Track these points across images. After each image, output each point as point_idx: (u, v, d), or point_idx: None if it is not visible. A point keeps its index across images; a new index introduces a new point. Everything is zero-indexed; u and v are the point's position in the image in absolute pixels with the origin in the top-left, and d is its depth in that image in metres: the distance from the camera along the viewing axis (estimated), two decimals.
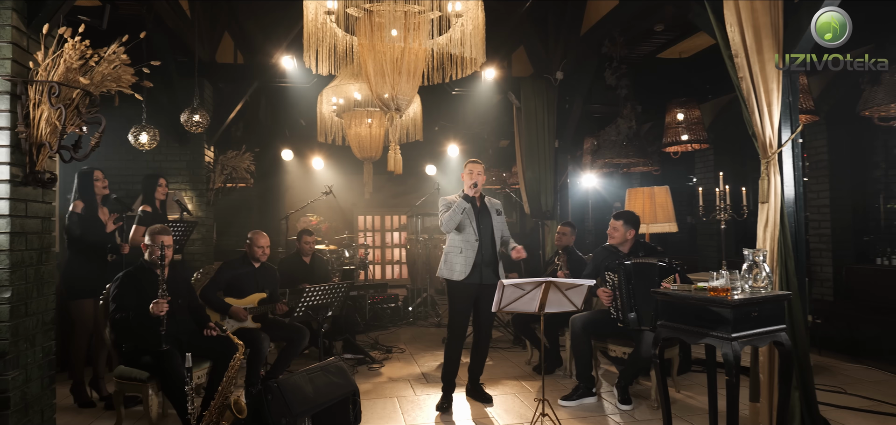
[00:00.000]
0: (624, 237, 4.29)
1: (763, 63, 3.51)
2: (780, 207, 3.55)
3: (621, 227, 4.28)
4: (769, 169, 3.58)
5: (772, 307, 2.45)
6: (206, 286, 4.31)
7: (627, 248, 4.30)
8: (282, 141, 9.15)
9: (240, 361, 3.32)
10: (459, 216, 4.00)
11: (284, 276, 5.54)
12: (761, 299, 2.40)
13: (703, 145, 6.10)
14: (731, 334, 2.31)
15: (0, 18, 2.58)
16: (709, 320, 2.42)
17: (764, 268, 2.50)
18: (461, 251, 4.06)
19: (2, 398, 2.44)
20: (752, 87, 3.53)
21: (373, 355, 5.60)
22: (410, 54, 4.71)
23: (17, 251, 2.56)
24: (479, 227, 4.09)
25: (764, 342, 2.46)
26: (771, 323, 2.46)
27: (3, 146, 2.55)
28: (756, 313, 2.38)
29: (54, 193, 2.92)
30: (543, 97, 6.64)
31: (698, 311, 2.47)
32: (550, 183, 6.68)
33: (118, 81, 2.88)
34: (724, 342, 2.34)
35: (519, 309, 3.04)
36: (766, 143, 3.58)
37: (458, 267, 4.03)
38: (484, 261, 4.07)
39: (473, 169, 4.15)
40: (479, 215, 4.13)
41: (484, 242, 4.08)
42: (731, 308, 2.32)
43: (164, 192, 4.86)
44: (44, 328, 2.76)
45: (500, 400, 4.26)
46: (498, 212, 4.23)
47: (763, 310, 2.41)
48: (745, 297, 2.38)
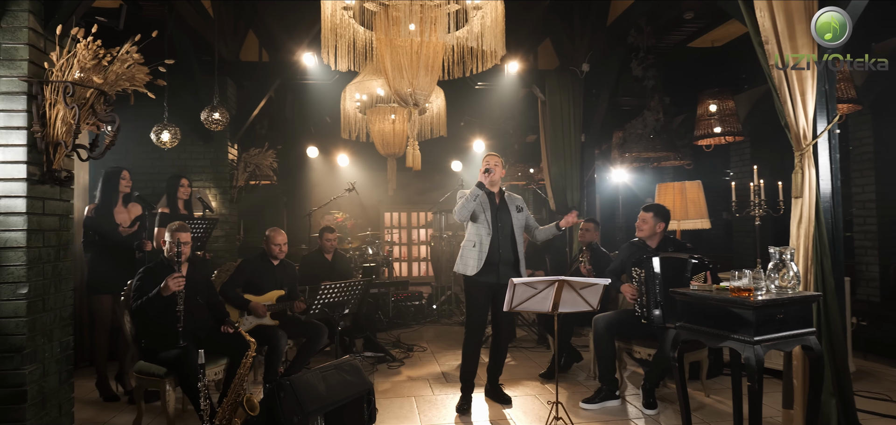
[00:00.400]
0: (653, 230, 4.15)
1: (796, 49, 3.35)
2: (815, 202, 3.39)
3: (651, 220, 4.14)
4: (803, 162, 3.42)
5: (799, 309, 2.32)
6: (226, 283, 4.39)
7: (656, 243, 4.17)
8: (307, 138, 9.25)
9: (252, 359, 3.36)
10: (472, 204, 3.89)
11: (306, 273, 5.60)
12: (787, 300, 2.27)
13: (738, 138, 5.87)
14: (753, 337, 2.20)
15: (17, 20, 2.66)
16: (730, 322, 2.31)
17: (791, 266, 2.37)
18: (474, 244, 3.98)
19: (19, 391, 2.52)
20: (784, 75, 3.37)
21: (393, 353, 5.60)
22: (428, 49, 4.69)
23: (34, 248, 2.64)
24: (495, 221, 3.99)
25: (790, 346, 2.33)
26: (798, 326, 2.33)
27: (20, 145, 2.62)
28: (782, 315, 2.26)
29: (72, 191, 3.00)
30: (569, 90, 6.52)
31: (719, 313, 2.37)
32: (576, 178, 6.56)
33: (132, 80, 2.94)
34: (746, 345, 2.23)
35: (531, 308, 2.97)
36: (800, 135, 3.41)
37: (472, 261, 3.95)
38: (501, 258, 3.97)
39: (490, 160, 4.07)
40: (497, 210, 4.03)
41: (500, 237, 3.98)
42: (753, 309, 2.21)
43: (186, 192, 4.97)
44: (62, 323, 2.85)
45: (519, 402, 4.20)
46: (519, 208, 4.12)
47: (790, 312, 2.29)
48: (769, 298, 2.26)
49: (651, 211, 4.19)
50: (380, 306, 7.13)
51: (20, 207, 2.59)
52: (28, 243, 2.60)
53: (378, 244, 7.46)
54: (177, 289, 3.45)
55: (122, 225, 4.30)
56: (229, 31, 6.21)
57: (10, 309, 2.55)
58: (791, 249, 2.45)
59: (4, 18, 2.66)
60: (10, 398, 2.52)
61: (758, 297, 2.29)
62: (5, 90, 2.65)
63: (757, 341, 2.20)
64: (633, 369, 4.92)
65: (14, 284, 2.56)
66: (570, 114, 6.50)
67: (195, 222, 4.62)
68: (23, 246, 2.58)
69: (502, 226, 4.00)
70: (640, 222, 4.22)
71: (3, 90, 2.65)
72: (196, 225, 4.64)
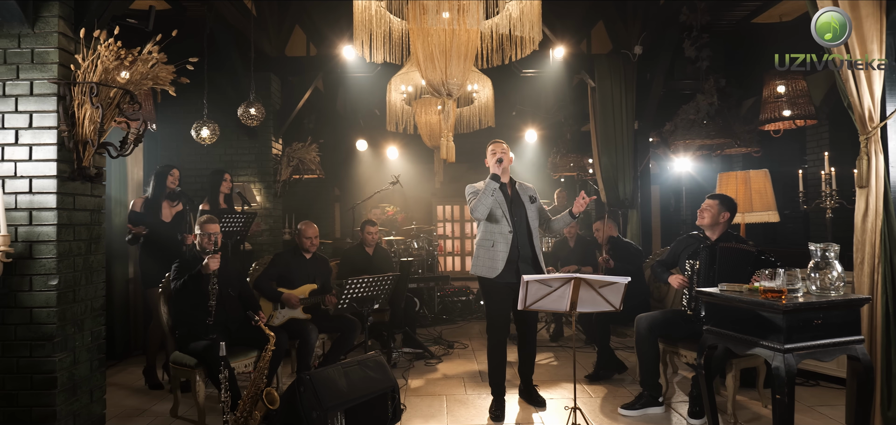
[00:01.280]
0: (715, 220, 3.83)
1: (859, 20, 3.04)
2: (882, 193, 3.08)
3: (715, 207, 3.78)
4: (869, 147, 3.12)
5: (842, 314, 2.10)
6: (260, 276, 4.54)
7: (717, 234, 3.88)
8: (357, 131, 9.44)
9: (271, 352, 3.46)
10: (491, 198, 3.70)
11: (347, 267, 5.70)
12: (826, 303, 2.06)
13: (810, 121, 5.41)
14: (783, 344, 2.00)
15: (48, 25, 2.86)
16: (759, 327, 2.13)
17: (835, 265, 2.14)
18: (494, 244, 3.80)
19: (49, 378, 2.73)
20: (846, 50, 3.07)
21: (433, 350, 5.62)
22: (460, 36, 4.64)
23: (64, 241, 2.84)
24: (513, 217, 3.81)
25: (831, 356, 2.11)
26: (841, 334, 2.10)
27: (51, 144, 2.83)
28: (819, 320, 2.05)
29: (103, 187, 3.20)
30: (620, 75, 6.26)
31: (747, 316, 2.18)
32: (629, 168, 6.29)
33: (155, 80, 3.09)
34: (776, 353, 2.04)
35: (547, 307, 2.87)
36: (865, 117, 3.11)
37: (494, 262, 3.76)
38: (520, 255, 3.80)
39: (496, 148, 3.85)
40: (512, 203, 3.86)
41: (519, 234, 3.81)
42: (783, 313, 2.02)
43: (228, 187, 5.19)
44: (93, 314, 3.05)
45: (553, 405, 4.09)
46: (532, 198, 3.93)
47: (830, 317, 2.07)
48: (804, 301, 2.06)
49: (716, 199, 3.90)
50: (425, 301, 7.17)
51: (50, 203, 2.79)
52: (58, 237, 2.79)
53: (424, 237, 7.49)
54: (216, 267, 3.62)
55: (166, 220, 4.57)
56: (273, 27, 6.42)
57: (41, 299, 2.75)
58: (835, 246, 2.22)
59: (37, 24, 2.87)
60: (41, 383, 2.73)
61: (795, 300, 2.09)
62: (38, 92, 2.85)
63: (788, 349, 2.00)
64: (684, 374, 4.68)
65: (45, 276, 2.76)
66: (622, 101, 6.24)
67: (234, 216, 4.82)
68: (53, 240, 2.78)
69: (519, 220, 3.82)
70: (703, 209, 3.93)
71: (36, 92, 2.86)
72: (235, 219, 4.83)
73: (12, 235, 2.77)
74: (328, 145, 9.31)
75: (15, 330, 2.74)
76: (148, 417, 3.96)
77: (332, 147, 9.36)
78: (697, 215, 3.79)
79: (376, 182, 9.88)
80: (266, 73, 6.28)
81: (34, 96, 2.85)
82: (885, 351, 3.07)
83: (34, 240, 2.78)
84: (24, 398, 2.72)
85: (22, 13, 2.80)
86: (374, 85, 7.90)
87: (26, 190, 2.81)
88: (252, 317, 3.51)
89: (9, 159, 2.83)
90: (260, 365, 3.38)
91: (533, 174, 9.89)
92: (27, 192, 2.81)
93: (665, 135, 4.93)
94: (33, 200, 2.80)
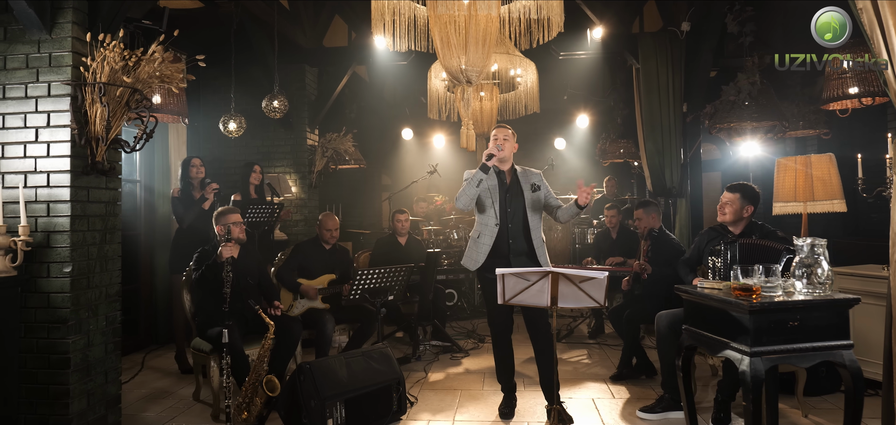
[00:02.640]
0: (738, 214, 3.63)
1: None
2: None
3: (737, 201, 3.58)
4: None
5: (824, 315, 1.97)
6: (281, 267, 4.80)
7: (740, 229, 3.68)
8: (403, 119, 9.63)
9: (270, 341, 3.66)
10: (473, 190, 3.57)
11: (379, 257, 5.87)
12: (802, 304, 1.95)
13: (880, 98, 4.96)
14: (751, 347, 1.92)
15: (63, 31, 3.18)
16: (730, 328, 2.04)
17: (822, 263, 2.02)
18: (479, 236, 3.72)
19: (64, 358, 3.06)
20: (877, 17, 2.83)
21: (464, 344, 5.70)
22: (478, 21, 4.65)
23: (78, 232, 3.16)
24: (504, 208, 3.66)
25: (809, 361, 1.99)
26: (822, 338, 1.98)
27: (65, 141, 3.15)
28: (796, 322, 1.94)
29: (119, 180, 3.51)
30: (666, 54, 6.01)
31: (719, 316, 2.10)
32: (676, 155, 6.05)
33: (161, 78, 3.35)
34: (743, 356, 1.95)
35: (528, 302, 2.86)
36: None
37: (475, 254, 3.69)
38: (512, 249, 3.66)
39: (498, 134, 3.71)
40: (507, 193, 3.69)
41: (511, 227, 3.66)
42: (750, 314, 1.93)
43: (257, 178, 5.51)
44: (108, 300, 3.37)
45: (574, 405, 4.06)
46: (534, 187, 3.73)
47: (809, 319, 1.96)
48: (775, 301, 1.96)
49: (737, 191, 3.70)
50: (463, 293, 7.25)
51: (65, 196, 3.12)
52: (72, 227, 3.11)
53: (464, 228, 7.55)
54: (227, 256, 3.88)
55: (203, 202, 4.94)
56: (308, 19, 6.68)
57: (57, 285, 3.09)
58: (822, 241, 2.08)
59: (54, 30, 3.19)
60: (57, 363, 3.07)
61: (770, 299, 2.00)
62: (54, 93, 3.18)
63: (755, 352, 1.91)
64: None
65: (60, 263, 3.09)
66: (669, 81, 5.99)
67: (261, 207, 5.11)
68: (67, 230, 3.10)
69: (513, 211, 3.69)
70: (723, 204, 3.73)
71: (53, 93, 3.18)
72: (262, 210, 5.12)
73: (32, 226, 3.12)
74: (374, 134, 9.57)
75: (35, 313, 3.09)
76: (173, 399, 4.32)
77: (377, 136, 9.61)
78: (718, 211, 3.61)
79: (422, 171, 10.05)
80: (299, 64, 6.55)
81: (51, 97, 3.18)
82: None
83: (51, 230, 3.12)
84: (42, 376, 3.07)
85: (40, 21, 3.12)
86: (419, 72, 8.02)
87: (45, 184, 3.15)
88: (253, 306, 3.72)
89: (30, 156, 3.17)
90: (260, 352, 3.59)
91: (583, 161, 9.69)
92: (45, 186, 3.15)
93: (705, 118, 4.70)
94: (51, 193, 3.14)
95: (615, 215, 5.99)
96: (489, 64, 4.88)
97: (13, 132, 3.20)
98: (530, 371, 4.74)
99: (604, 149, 8.08)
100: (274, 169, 6.61)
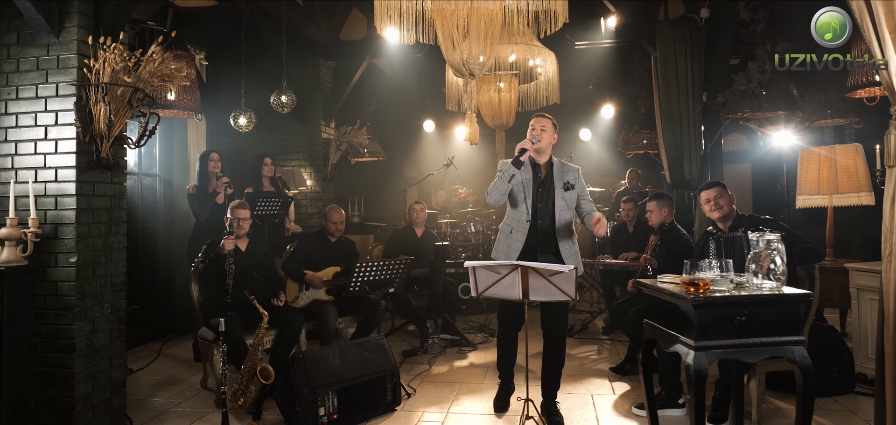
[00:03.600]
0: (730, 209, 3.68)
1: None
2: None
3: (726, 195, 3.68)
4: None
5: (773, 310, 2.01)
6: (288, 258, 5.03)
7: (729, 224, 3.71)
8: (425, 111, 9.78)
9: (264, 330, 3.87)
10: (505, 185, 3.55)
11: (395, 248, 6.05)
12: (749, 299, 1.99)
13: None
14: (695, 341, 1.98)
15: (69, 35, 3.45)
16: (679, 322, 2.10)
17: (776, 258, 2.05)
18: (511, 231, 3.68)
19: (70, 343, 3.34)
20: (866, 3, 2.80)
21: (471, 338, 5.82)
22: (479, 15, 4.74)
23: (83, 224, 3.43)
24: (536, 203, 3.63)
25: (756, 356, 2.03)
26: (772, 333, 2.02)
27: (71, 138, 3.42)
28: (743, 317, 1.99)
29: (125, 175, 3.78)
30: (684, 42, 5.94)
31: (673, 310, 2.16)
32: (695, 146, 5.99)
33: (162, 77, 3.59)
34: (689, 350, 2.02)
35: (501, 295, 2.95)
36: (893, 84, 2.83)
37: (509, 251, 3.62)
38: (540, 246, 3.62)
39: (535, 123, 3.64)
40: (541, 188, 3.67)
41: (541, 223, 3.63)
42: (694, 308, 1.99)
43: (270, 170, 5.76)
44: (114, 289, 3.64)
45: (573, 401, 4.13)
46: (568, 185, 3.68)
47: (757, 314, 2.00)
48: (719, 295, 2.01)
49: (720, 186, 3.73)
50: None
51: (71, 190, 3.39)
52: (77, 220, 3.38)
53: (481, 221, 7.65)
54: (230, 248, 4.14)
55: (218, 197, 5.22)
56: (323, 14, 6.89)
57: (63, 274, 3.36)
58: (775, 235, 2.11)
59: (61, 33, 3.46)
60: (64, 348, 3.35)
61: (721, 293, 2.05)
62: (62, 93, 3.45)
63: (700, 346, 1.97)
64: None
65: (67, 254, 3.37)
66: (687, 70, 5.92)
67: (271, 200, 5.35)
68: (73, 222, 3.37)
69: (544, 207, 3.65)
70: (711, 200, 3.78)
71: (61, 93, 3.46)
72: (272, 203, 5.36)
73: (42, 218, 3.41)
74: (395, 127, 9.76)
75: (44, 300, 3.38)
76: (182, 386, 4.60)
77: (398, 129, 9.79)
78: (706, 211, 3.63)
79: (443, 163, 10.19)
80: (314, 58, 6.78)
81: (59, 97, 3.45)
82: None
83: (59, 222, 3.39)
84: (50, 360, 3.36)
85: (48, 25, 3.39)
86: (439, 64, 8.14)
87: (53, 179, 3.43)
88: (248, 296, 3.93)
89: (40, 152, 3.46)
90: (254, 342, 3.81)
91: (608, 152, 9.63)
92: (54, 181, 3.43)
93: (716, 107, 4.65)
94: (59, 188, 3.42)
95: (632, 208, 5.98)
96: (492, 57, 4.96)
97: (25, 130, 3.49)
98: (536, 366, 4.82)
99: (626, 140, 8.03)
100: (289, 162, 6.86)
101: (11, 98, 3.52)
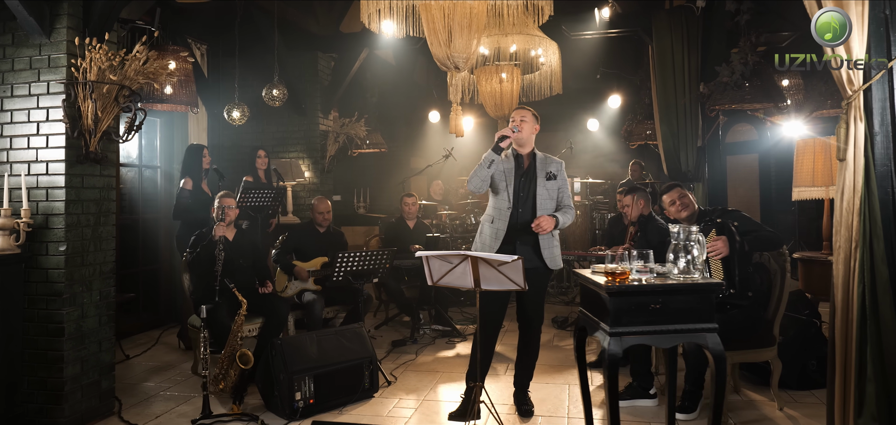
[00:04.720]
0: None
1: None
2: (863, 168, 2.94)
3: (689, 195, 3.88)
4: (849, 114, 2.99)
5: (687, 299, 2.17)
6: (278, 250, 5.31)
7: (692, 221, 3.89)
8: (430, 102, 9.98)
9: (244, 316, 4.14)
10: (485, 172, 3.61)
11: (388, 240, 6.31)
12: (662, 288, 2.16)
13: None
14: (610, 327, 2.16)
15: (59, 35, 3.74)
16: (601, 309, 2.28)
17: (693, 248, 2.22)
18: (492, 220, 3.79)
19: (59, 327, 3.65)
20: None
21: (461, 329, 6.03)
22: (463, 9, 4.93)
23: (72, 214, 3.74)
24: (517, 192, 3.71)
25: (670, 342, 2.20)
26: (685, 320, 2.18)
27: (61, 134, 3.72)
28: (657, 305, 2.16)
29: (114, 168, 4.08)
30: (681, 31, 6.03)
31: (593, 297, 2.34)
32: (692, 137, 6.08)
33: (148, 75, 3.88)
34: (605, 336, 2.20)
35: (454, 284, 3.15)
36: (844, 78, 2.95)
37: (487, 240, 3.73)
38: (521, 236, 3.70)
39: (515, 115, 3.74)
40: (522, 178, 3.75)
41: (522, 212, 3.71)
42: (609, 295, 2.17)
43: (264, 162, 6.04)
44: (102, 277, 3.95)
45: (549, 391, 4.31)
46: (551, 175, 3.76)
47: (671, 303, 2.17)
48: (633, 285, 2.18)
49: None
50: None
51: (61, 183, 3.69)
52: (66, 211, 3.69)
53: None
54: (220, 234, 4.43)
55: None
56: (322, 7, 7.14)
57: (53, 262, 3.67)
58: (694, 228, 2.27)
59: (52, 34, 3.76)
60: (54, 331, 3.66)
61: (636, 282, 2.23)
62: (53, 91, 3.75)
63: (614, 332, 2.15)
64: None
65: (56, 243, 3.68)
66: (683, 61, 6.01)
67: (263, 192, 5.63)
68: (62, 213, 3.68)
69: (525, 196, 3.74)
70: (676, 203, 3.97)
71: (52, 91, 3.76)
72: (264, 194, 5.64)
73: (34, 209, 3.72)
74: (400, 118, 9.99)
75: (36, 286, 3.70)
76: (174, 371, 4.92)
77: (403, 120, 10.02)
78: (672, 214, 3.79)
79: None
80: (312, 52, 7.04)
81: (50, 94, 3.76)
82: (859, 351, 2.93)
83: (49, 213, 3.70)
84: (41, 343, 3.68)
85: (39, 26, 3.69)
86: None
87: (44, 172, 3.74)
88: (228, 285, 4.21)
89: (32, 147, 3.77)
90: (234, 328, 4.08)
91: (613, 143, 9.70)
92: (45, 174, 3.74)
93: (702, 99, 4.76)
94: (50, 180, 3.72)
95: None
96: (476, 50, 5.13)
97: (19, 126, 3.80)
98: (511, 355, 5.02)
99: (630, 131, 8.11)
100: (288, 154, 7.14)
101: (7, 96, 3.83)
